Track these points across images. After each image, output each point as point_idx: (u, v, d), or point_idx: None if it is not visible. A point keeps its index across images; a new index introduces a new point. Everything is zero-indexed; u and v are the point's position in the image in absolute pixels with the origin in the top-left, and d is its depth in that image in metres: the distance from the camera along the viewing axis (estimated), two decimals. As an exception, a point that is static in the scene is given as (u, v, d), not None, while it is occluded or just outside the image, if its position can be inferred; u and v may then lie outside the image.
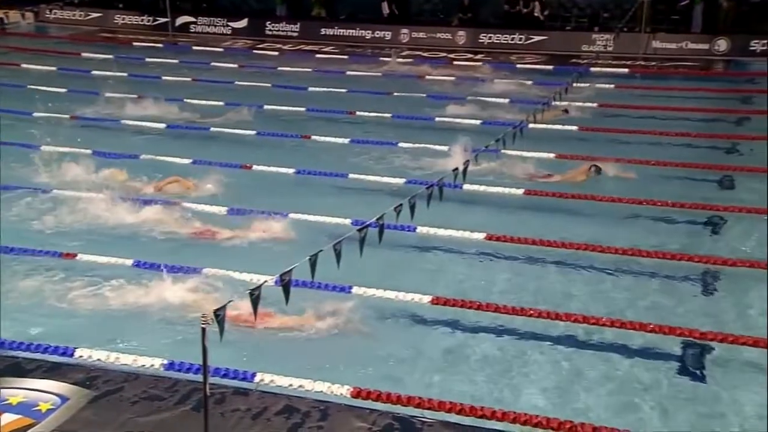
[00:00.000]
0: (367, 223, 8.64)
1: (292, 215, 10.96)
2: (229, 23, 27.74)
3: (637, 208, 11.46)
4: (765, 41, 22.13)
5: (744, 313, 8.69)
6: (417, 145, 14.49)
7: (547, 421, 6.17)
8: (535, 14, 24.88)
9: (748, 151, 14.08)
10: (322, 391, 6.51)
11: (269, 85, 19.77)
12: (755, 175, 12.69)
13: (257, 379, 6.66)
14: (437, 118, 16.35)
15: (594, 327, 8.15)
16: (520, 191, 12.13)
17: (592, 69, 20.51)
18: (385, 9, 26.81)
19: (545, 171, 12.97)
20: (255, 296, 5.30)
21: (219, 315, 4.97)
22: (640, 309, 8.76)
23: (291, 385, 6.55)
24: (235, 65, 22.46)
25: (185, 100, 17.69)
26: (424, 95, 18.66)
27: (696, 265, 9.66)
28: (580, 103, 17.05)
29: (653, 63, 22.06)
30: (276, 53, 24.66)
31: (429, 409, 6.38)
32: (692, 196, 11.78)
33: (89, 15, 29.26)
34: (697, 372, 7.63)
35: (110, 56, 22.67)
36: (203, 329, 4.81)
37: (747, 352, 7.73)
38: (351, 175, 12.80)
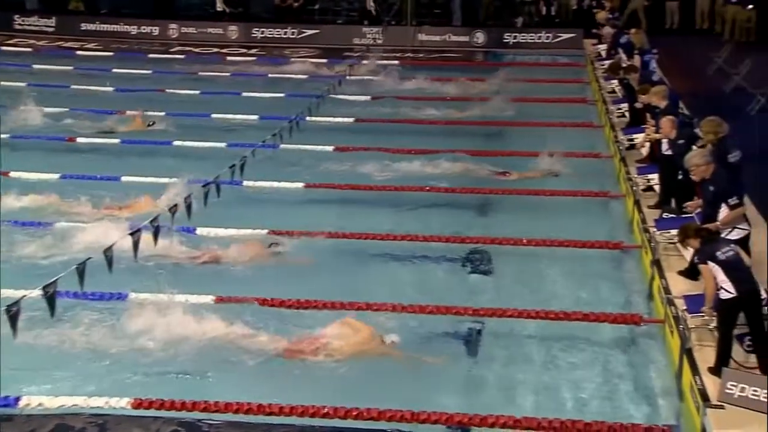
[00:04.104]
0: (141, 225, 8.31)
1: (58, 224, 10.27)
2: (-36, 16, 25.25)
3: (415, 195, 11.87)
4: (516, 34, 23.89)
5: (511, 288, 9.30)
6: (193, 144, 14.11)
7: (335, 411, 6.25)
8: (369, 8, 25.00)
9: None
10: (99, 407, 6.13)
11: (23, 84, 18.27)
12: (522, 158, 13.54)
13: (22, 403, 6.11)
14: (213, 115, 16.01)
15: (377, 312, 8.33)
16: (300, 185, 12.17)
17: (364, 62, 21.02)
18: (219, 5, 25.69)
19: (501, 169, 12.88)
20: (14, 312, 4.88)
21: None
22: (421, 291, 9.09)
23: (63, 405, 6.08)
24: (-22, 63, 20.61)
25: None
26: (199, 92, 18.21)
27: (467, 246, 10.19)
28: (354, 96, 17.39)
29: (420, 54, 23.02)
30: (29, 50, 22.94)
31: (216, 411, 6.24)
32: (464, 182, 12.40)
33: None
34: (474, 347, 8.06)
35: None
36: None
37: (517, 324, 8.28)
38: (124, 178, 12.20)
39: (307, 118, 14.30)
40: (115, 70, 20.20)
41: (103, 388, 6.55)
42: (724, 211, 8.19)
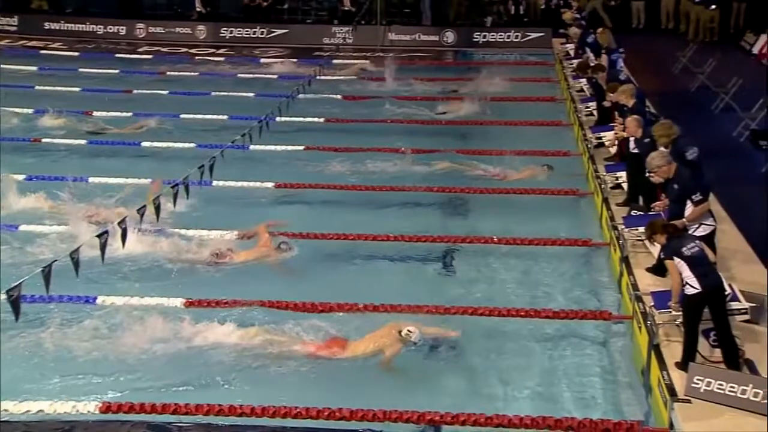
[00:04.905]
0: (108, 228, 8.22)
1: (23, 227, 10.13)
2: None
3: (386, 195, 11.85)
4: (485, 33, 24.00)
5: (481, 286, 9.35)
6: (162, 144, 14.00)
7: (307, 411, 6.24)
8: (345, 7, 24.90)
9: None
10: (66, 412, 6.05)
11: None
12: (489, 157, 13.60)
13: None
14: (182, 116, 15.88)
15: (348, 313, 8.33)
16: (271, 185, 12.12)
17: (335, 61, 20.99)
18: (198, 6, 25.35)
19: (496, 170, 12.82)
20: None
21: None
22: (390, 290, 9.09)
23: (29, 410, 5.98)
24: (-63, 62, 20.23)
25: None
26: (167, 92, 18.06)
27: (438, 245, 10.22)
28: (325, 95, 17.35)
29: (390, 54, 23.00)
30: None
31: (186, 413, 6.20)
32: (436, 181, 12.40)
33: None
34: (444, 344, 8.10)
35: None
36: None
37: (486, 322, 8.33)
38: (91, 179, 12.07)
39: (278, 119, 14.23)
40: (81, 70, 19.96)
41: (71, 392, 6.46)
42: (689, 208, 8.31)
